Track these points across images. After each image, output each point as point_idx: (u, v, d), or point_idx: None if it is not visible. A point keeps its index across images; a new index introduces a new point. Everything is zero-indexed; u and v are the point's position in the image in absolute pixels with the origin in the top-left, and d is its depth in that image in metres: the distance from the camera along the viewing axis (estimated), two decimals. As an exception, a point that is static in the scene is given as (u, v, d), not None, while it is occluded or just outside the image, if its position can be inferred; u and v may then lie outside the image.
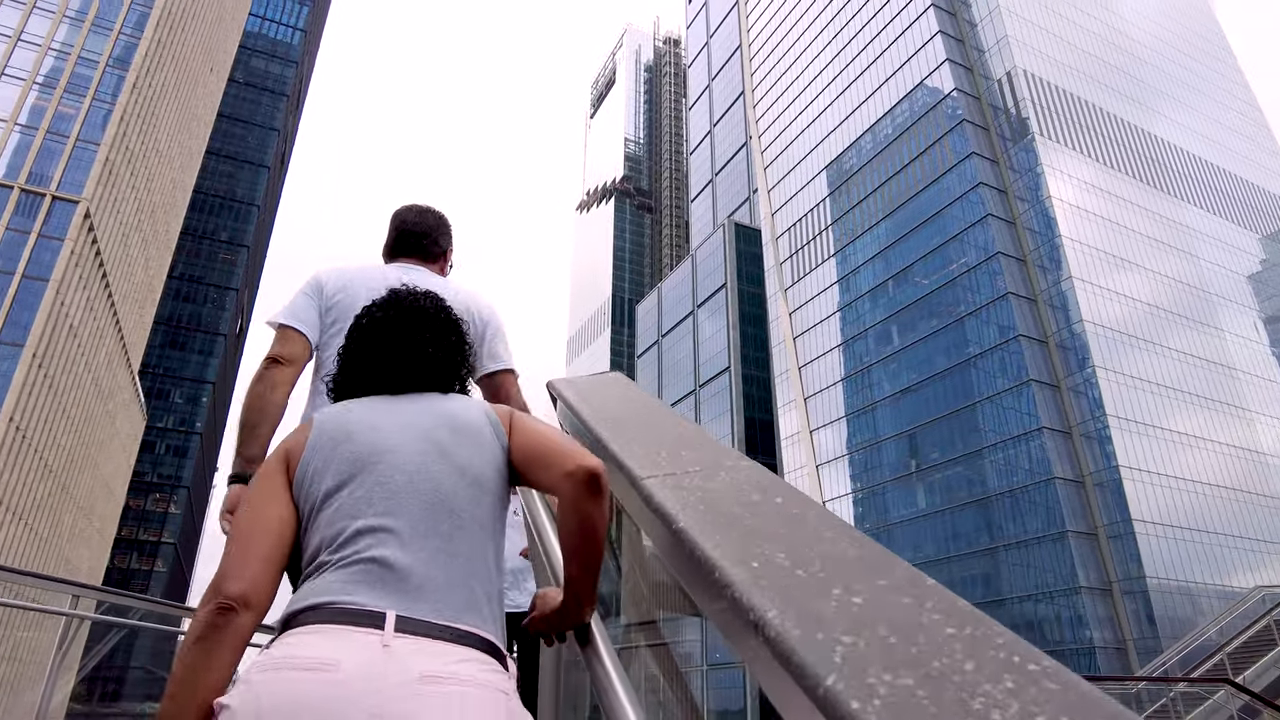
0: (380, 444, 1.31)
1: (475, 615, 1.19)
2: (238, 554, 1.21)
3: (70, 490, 49.03)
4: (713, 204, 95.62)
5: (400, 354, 1.49)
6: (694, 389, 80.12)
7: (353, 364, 1.53)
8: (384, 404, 1.42)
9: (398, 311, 1.55)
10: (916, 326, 55.03)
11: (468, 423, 1.39)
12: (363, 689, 1.01)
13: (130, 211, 50.97)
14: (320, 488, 1.28)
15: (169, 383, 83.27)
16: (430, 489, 1.26)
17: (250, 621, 1.15)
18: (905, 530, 52.75)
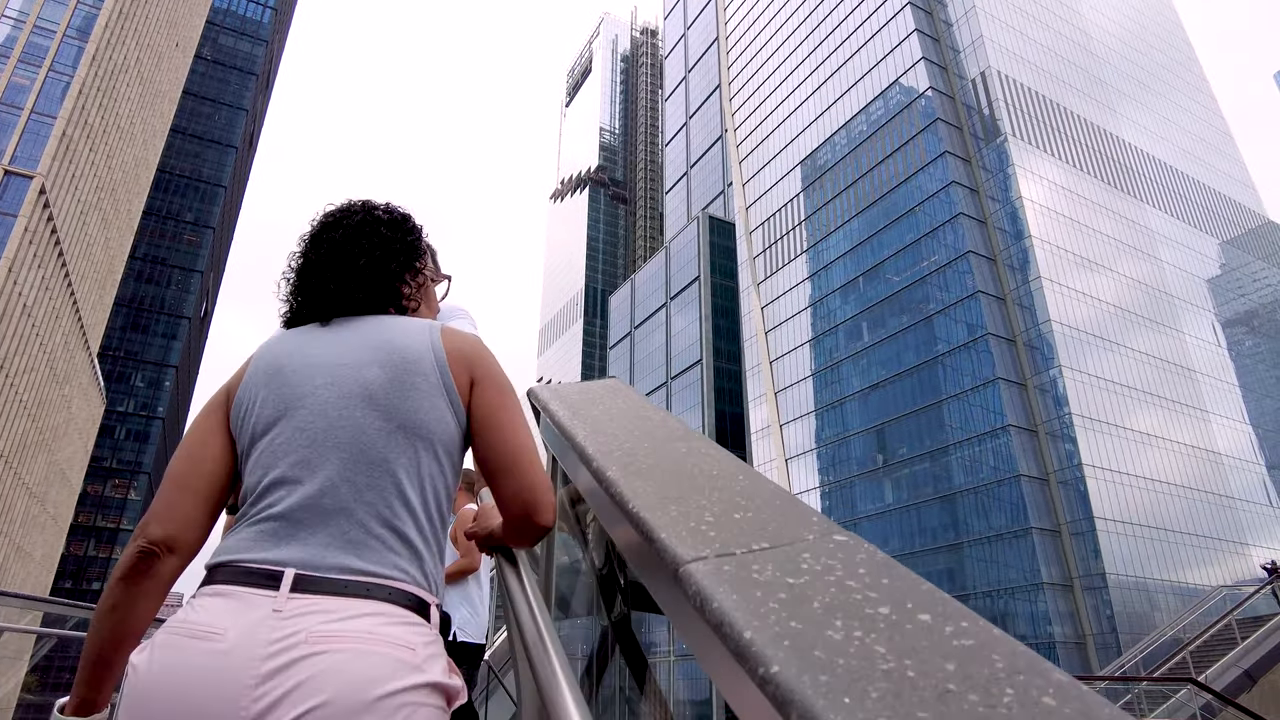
0: (305, 384, 1.24)
1: (390, 565, 1.12)
2: (167, 494, 1.20)
3: (22, 476, 47.65)
4: (687, 196, 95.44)
5: (328, 272, 1.38)
6: (666, 381, 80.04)
7: (293, 290, 1.42)
8: (323, 334, 1.32)
9: (323, 226, 1.44)
10: (886, 323, 55.38)
11: (401, 360, 1.25)
12: (244, 657, 1.00)
13: (89, 189, 49.49)
14: (248, 429, 1.24)
15: (130, 366, 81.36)
16: (350, 438, 1.19)
17: (174, 565, 1.16)
18: (872, 524, 53.15)
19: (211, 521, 1.23)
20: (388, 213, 1.49)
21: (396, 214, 1.51)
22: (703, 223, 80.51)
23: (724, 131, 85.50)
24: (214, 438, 1.26)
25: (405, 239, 1.48)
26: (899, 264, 55.56)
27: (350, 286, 1.37)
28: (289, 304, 1.42)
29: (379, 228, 1.45)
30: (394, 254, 1.44)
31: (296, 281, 1.41)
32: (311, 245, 1.43)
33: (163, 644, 1.04)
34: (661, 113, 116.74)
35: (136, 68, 56.02)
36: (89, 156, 47.86)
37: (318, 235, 1.43)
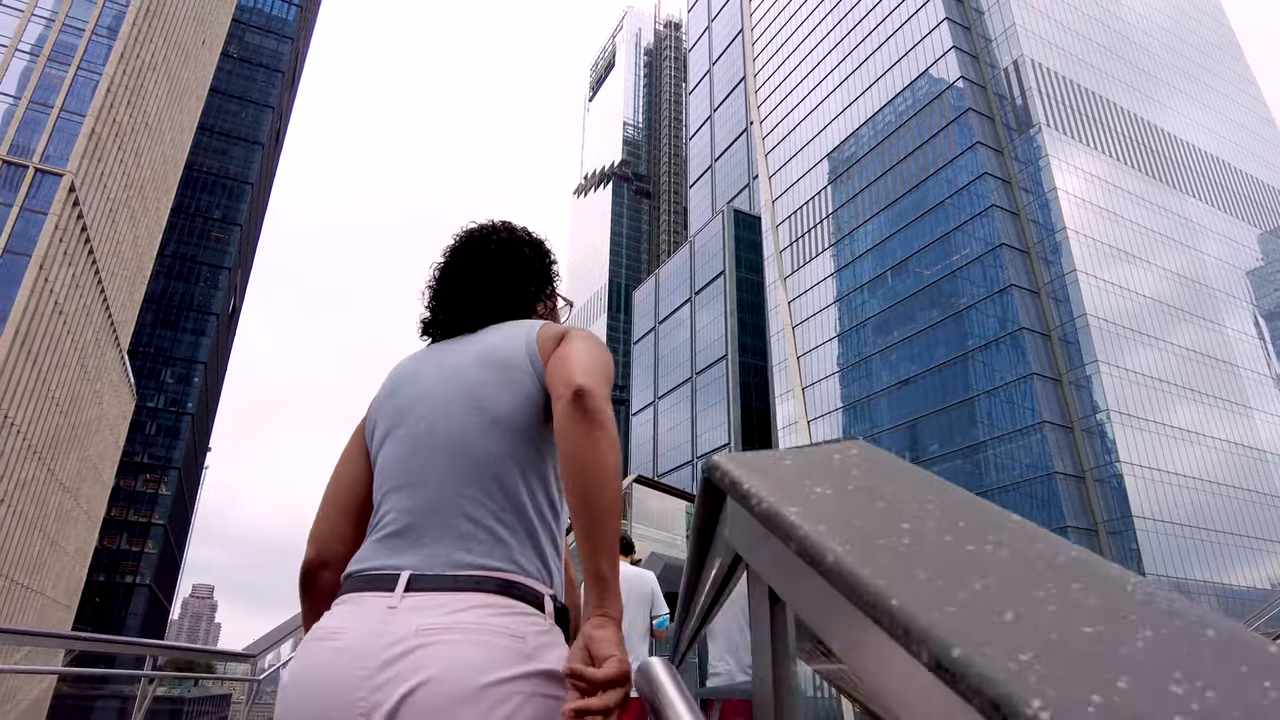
0: (414, 394, 1.33)
1: (499, 557, 1.16)
2: (318, 515, 1.35)
3: (56, 472, 48.19)
4: (712, 190, 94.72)
5: (470, 288, 1.46)
6: (690, 377, 79.53)
7: (433, 302, 1.50)
8: (439, 349, 1.41)
9: (468, 240, 1.52)
10: (916, 318, 54.47)
11: (500, 356, 1.31)
12: (361, 651, 1.07)
13: (118, 186, 49.84)
14: (375, 444, 1.34)
15: (160, 362, 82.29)
16: (451, 436, 1.25)
17: (331, 577, 1.29)
18: (902, 523, 52.34)
19: (359, 533, 1.31)
20: (528, 235, 1.57)
21: (536, 237, 1.58)
22: (728, 216, 79.80)
23: (749, 124, 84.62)
24: (352, 455, 1.37)
25: (544, 261, 1.56)
26: (929, 258, 54.61)
27: (489, 304, 1.44)
28: (429, 312, 1.48)
29: (522, 248, 1.52)
30: (533, 275, 1.52)
31: (437, 293, 1.48)
32: (455, 259, 1.50)
33: (300, 650, 1.15)
34: (685, 106, 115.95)
35: (164, 65, 56.36)
36: (118, 154, 48.18)
37: (461, 250, 1.50)
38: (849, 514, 0.59)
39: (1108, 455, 43.53)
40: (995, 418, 47.79)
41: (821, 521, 0.57)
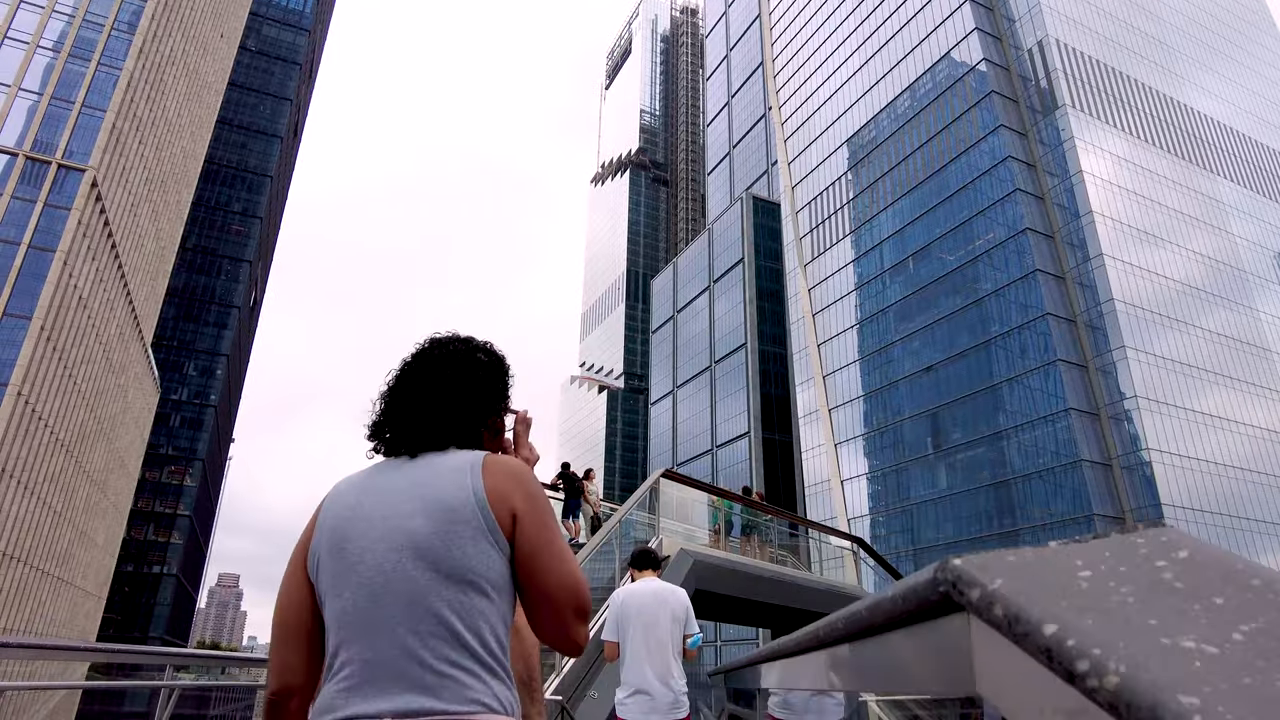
0: (361, 542, 1.33)
1: (466, 701, 1.22)
2: (273, 649, 1.37)
3: (83, 464, 48.81)
4: (730, 177, 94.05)
5: (396, 412, 1.46)
6: (709, 365, 79.24)
7: (379, 419, 1.49)
8: (381, 477, 1.40)
9: (405, 364, 1.52)
10: (939, 304, 53.83)
11: (446, 505, 1.31)
12: None
13: (139, 181, 50.17)
14: (320, 586, 1.35)
15: (183, 355, 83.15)
16: (406, 590, 1.27)
17: (298, 703, 1.33)
18: (926, 510, 51.95)
19: (317, 661, 1.33)
20: (487, 354, 1.54)
21: (496, 355, 1.56)
22: (746, 203, 79.21)
23: (767, 110, 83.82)
24: (298, 590, 1.37)
25: (498, 384, 1.53)
26: (951, 243, 53.90)
27: (433, 429, 1.42)
28: (375, 423, 1.47)
29: (477, 370, 1.49)
30: (483, 400, 1.49)
31: (386, 406, 1.47)
32: (406, 374, 1.49)
33: None
34: (703, 93, 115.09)
35: (183, 59, 56.57)
36: (138, 149, 48.45)
37: (414, 365, 1.49)
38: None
39: (1135, 442, 42.85)
40: (1020, 405, 47.18)
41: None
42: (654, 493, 8.98)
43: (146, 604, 76.48)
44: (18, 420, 36.79)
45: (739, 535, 11.32)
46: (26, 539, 40.77)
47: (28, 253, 38.08)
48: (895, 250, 58.64)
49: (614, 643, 4.07)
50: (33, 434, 39.01)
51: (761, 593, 9.72)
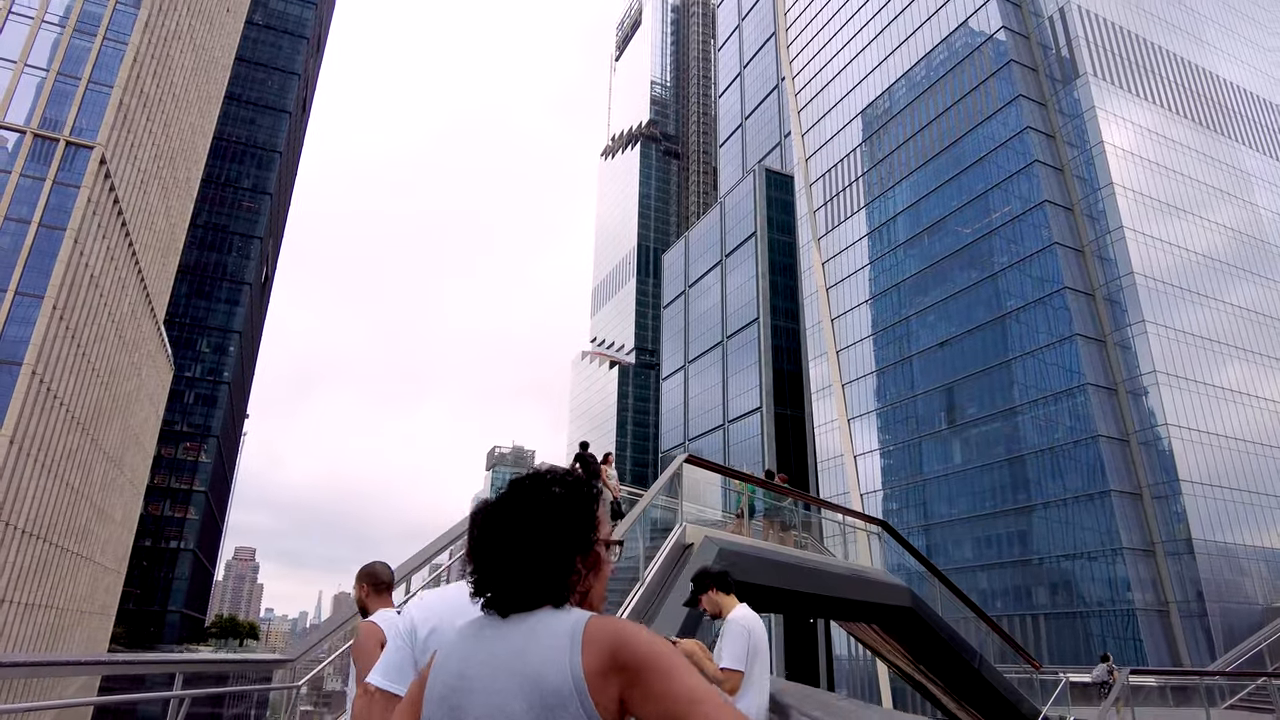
0: (467, 714, 1.32)
1: None
2: None
3: (99, 442, 49.07)
4: (742, 149, 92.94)
5: (482, 568, 1.41)
6: (721, 340, 78.84)
7: (471, 570, 1.46)
8: (480, 646, 1.36)
9: (485, 514, 1.46)
10: (954, 278, 53.20)
11: (545, 695, 1.27)
12: None
13: (148, 158, 49.86)
14: None
15: (195, 332, 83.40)
16: None
17: None
18: (939, 486, 51.73)
19: None
20: (563, 485, 1.43)
21: (572, 483, 1.45)
22: (759, 176, 78.28)
23: (780, 81, 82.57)
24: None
25: (582, 514, 1.42)
26: (967, 216, 53.13)
27: (520, 587, 1.37)
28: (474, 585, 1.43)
29: (552, 509, 1.40)
30: (567, 537, 1.39)
31: (472, 570, 1.43)
32: (479, 532, 1.44)
33: None
34: (714, 64, 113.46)
35: (189, 34, 55.97)
36: (147, 125, 48.07)
37: (485, 521, 1.44)
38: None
39: (1153, 417, 42.36)
40: (1036, 380, 46.71)
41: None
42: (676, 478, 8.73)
43: (165, 578, 77.47)
44: (34, 398, 36.90)
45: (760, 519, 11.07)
46: (46, 516, 41.10)
47: (38, 231, 37.93)
48: (910, 223, 57.89)
49: (741, 673, 3.79)
50: (49, 412, 39.15)
51: (788, 580, 9.49)
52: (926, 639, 12.33)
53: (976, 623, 14.18)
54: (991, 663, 12.95)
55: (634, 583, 7.39)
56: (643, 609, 7.20)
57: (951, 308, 53.09)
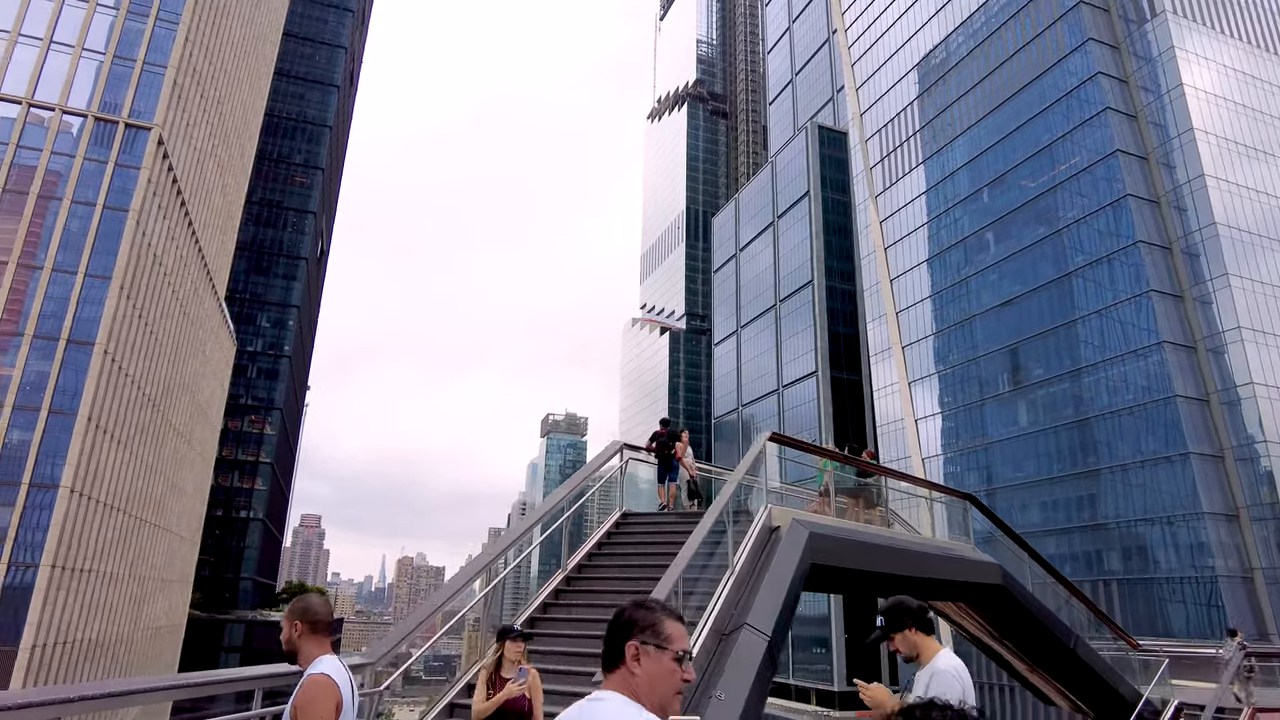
0: None
1: None
2: None
3: (169, 418, 50.51)
4: (793, 106, 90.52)
5: None
6: (774, 304, 77.55)
7: None
8: None
9: None
10: (1018, 235, 51.17)
11: None
12: None
13: (203, 137, 50.47)
14: None
15: (255, 308, 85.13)
16: None
17: None
18: (1004, 449, 50.32)
19: None
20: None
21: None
22: (811, 133, 76.19)
23: (831, 34, 79.90)
24: None
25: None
26: (1032, 169, 50.88)
27: None
28: None
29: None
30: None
31: None
32: None
33: None
34: (762, 19, 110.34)
35: (237, 10, 56.22)
36: (201, 104, 48.58)
37: None
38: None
39: (1236, 377, 40.32)
40: (1107, 339, 44.84)
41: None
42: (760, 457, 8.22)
43: (236, 546, 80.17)
44: (106, 377, 37.96)
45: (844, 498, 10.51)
46: (123, 489, 42.54)
47: (103, 213, 38.71)
48: (971, 178, 55.74)
49: None
50: (121, 389, 40.28)
51: (878, 562, 8.96)
52: (1017, 617, 11.73)
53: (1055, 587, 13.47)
54: (1087, 642, 12.29)
55: (723, 569, 6.94)
56: (734, 600, 6.76)
57: (1016, 265, 51.15)
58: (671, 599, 5.77)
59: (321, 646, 2.89)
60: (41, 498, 35.06)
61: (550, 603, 7.69)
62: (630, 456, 9.89)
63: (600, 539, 8.76)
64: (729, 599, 6.65)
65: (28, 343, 36.47)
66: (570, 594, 7.86)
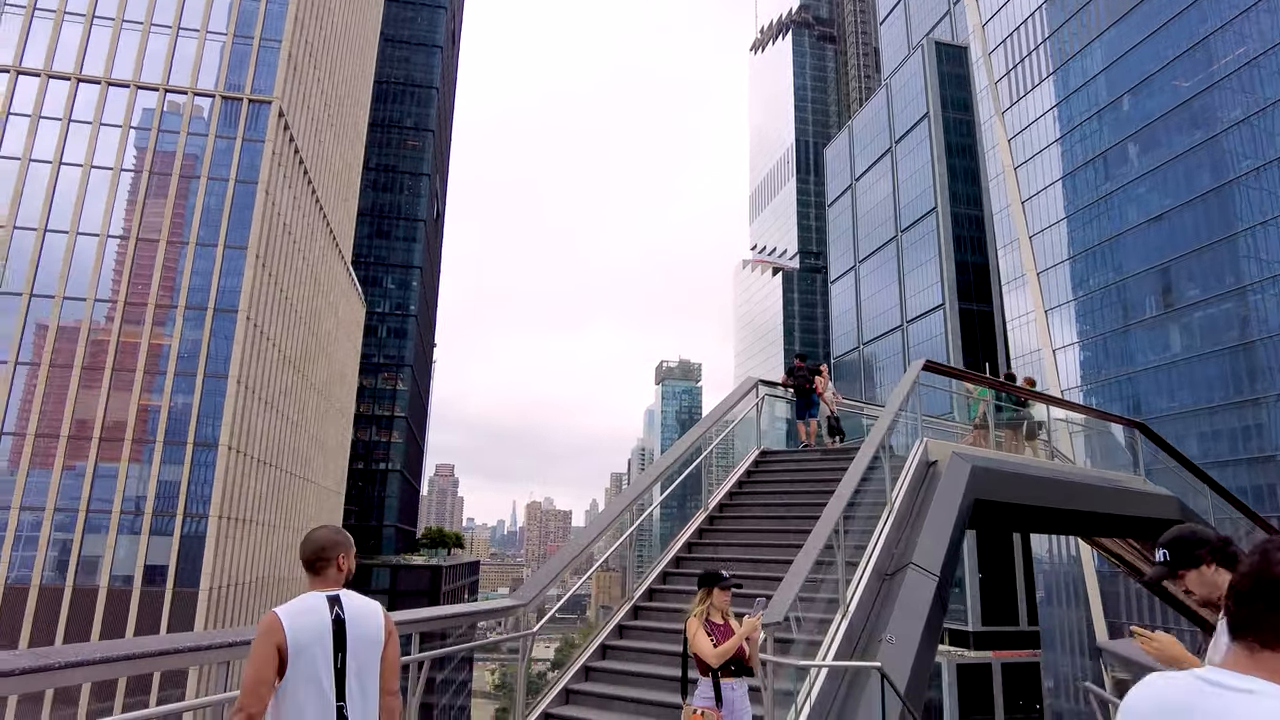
0: None
1: None
2: None
3: (309, 378, 53.64)
4: (906, 24, 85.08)
5: None
6: (895, 235, 74.17)
7: None
8: None
9: None
10: (1168, 143, 46.45)
11: None
12: None
13: (319, 106, 52.26)
14: None
15: (380, 270, 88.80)
16: None
17: None
18: (1153, 378, 46.65)
19: None
20: None
21: None
22: (928, 51, 71.47)
23: (946, -60, 74.16)
24: None
25: None
26: (1184, 68, 45.81)
27: None
28: None
29: None
30: None
31: None
32: None
33: None
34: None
35: (342, -21, 57.48)
36: (314, 75, 50.22)
37: None
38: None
39: None
40: (1276, 253, 40.34)
41: None
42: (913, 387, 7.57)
43: (378, 496, 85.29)
44: (250, 342, 40.52)
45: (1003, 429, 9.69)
46: (273, 447, 45.74)
47: (235, 188, 40.87)
48: (1110, 85, 50.85)
49: None
50: (264, 353, 42.95)
51: (1046, 497, 8.19)
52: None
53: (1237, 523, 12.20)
54: None
55: (879, 507, 6.43)
56: (895, 539, 6.25)
57: (1165, 176, 46.56)
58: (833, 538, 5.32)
59: (313, 583, 2.82)
60: (204, 456, 38.13)
61: (694, 542, 7.40)
62: (766, 393, 9.41)
63: (740, 478, 8.39)
64: (889, 538, 6.15)
65: (181, 314, 39.31)
66: (713, 533, 7.55)
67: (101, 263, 39.25)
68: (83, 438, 37.34)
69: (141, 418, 38.12)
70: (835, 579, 5.51)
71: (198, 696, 3.36)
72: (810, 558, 4.95)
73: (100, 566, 36.15)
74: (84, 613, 35.33)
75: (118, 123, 40.80)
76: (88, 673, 2.85)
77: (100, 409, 37.74)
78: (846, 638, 5.24)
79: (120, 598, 35.92)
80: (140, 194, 40.30)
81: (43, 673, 2.64)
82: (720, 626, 4.51)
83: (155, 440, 37.87)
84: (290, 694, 2.56)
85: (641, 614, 6.91)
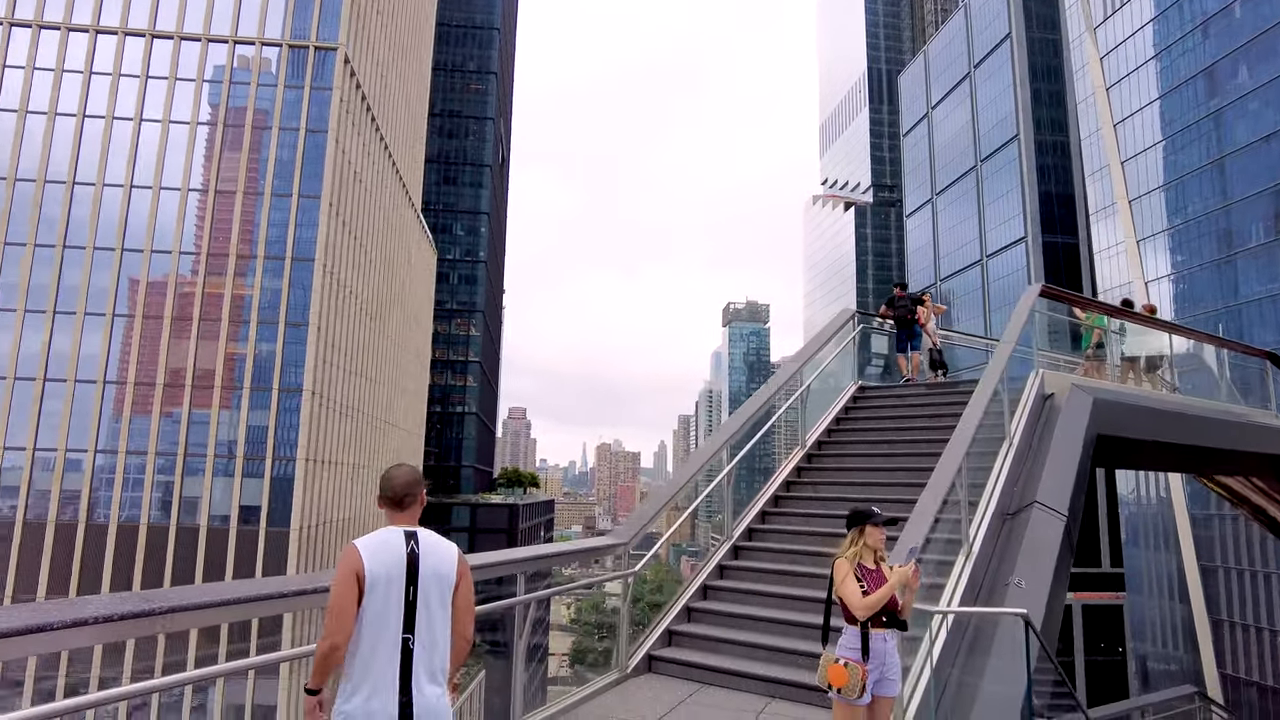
0: None
1: None
2: None
3: (385, 324, 54.78)
4: (988, -63, 79.67)
5: None
6: (975, 165, 70.82)
7: None
8: None
9: None
10: (1283, 51, 42.63)
11: None
12: None
13: (383, 51, 52.14)
14: None
15: (449, 217, 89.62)
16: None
17: None
18: (1261, 310, 43.81)
19: None
20: None
21: None
22: (1012, -36, 66.94)
23: None
24: None
25: None
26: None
27: None
28: None
29: None
30: None
31: None
32: None
33: None
34: None
35: (400, -80, 56.67)
36: (377, 20, 49.99)
37: None
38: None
39: None
40: None
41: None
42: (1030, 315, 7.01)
43: (456, 438, 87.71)
44: (329, 292, 41.41)
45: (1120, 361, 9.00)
46: (354, 394, 47.10)
47: (306, 138, 41.31)
48: (1217, -9, 46.78)
49: None
50: (342, 301, 43.91)
51: (1172, 433, 7.58)
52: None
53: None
54: None
55: (997, 442, 5.99)
56: (1015, 476, 5.82)
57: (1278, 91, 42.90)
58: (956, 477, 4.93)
59: (392, 518, 2.89)
60: (289, 401, 39.50)
61: (792, 480, 7.09)
62: (863, 326, 8.94)
63: (837, 414, 7.99)
64: (1010, 475, 5.72)
65: (260, 264, 40.34)
66: (812, 471, 7.22)
67: (184, 216, 40.47)
68: (176, 385, 39.08)
69: (229, 366, 39.63)
70: (956, 519, 5.15)
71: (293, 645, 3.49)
72: (938, 497, 4.58)
73: (199, 507, 38.16)
74: (188, 551, 37.49)
75: (191, 77, 41.51)
76: (191, 618, 2.90)
77: (190, 358, 39.36)
78: (971, 581, 4.89)
79: (219, 536, 37.94)
80: (216, 148, 41.15)
81: (144, 617, 2.69)
82: (872, 571, 4.04)
83: (242, 387, 39.39)
84: (365, 623, 2.65)
85: (742, 554, 6.73)
